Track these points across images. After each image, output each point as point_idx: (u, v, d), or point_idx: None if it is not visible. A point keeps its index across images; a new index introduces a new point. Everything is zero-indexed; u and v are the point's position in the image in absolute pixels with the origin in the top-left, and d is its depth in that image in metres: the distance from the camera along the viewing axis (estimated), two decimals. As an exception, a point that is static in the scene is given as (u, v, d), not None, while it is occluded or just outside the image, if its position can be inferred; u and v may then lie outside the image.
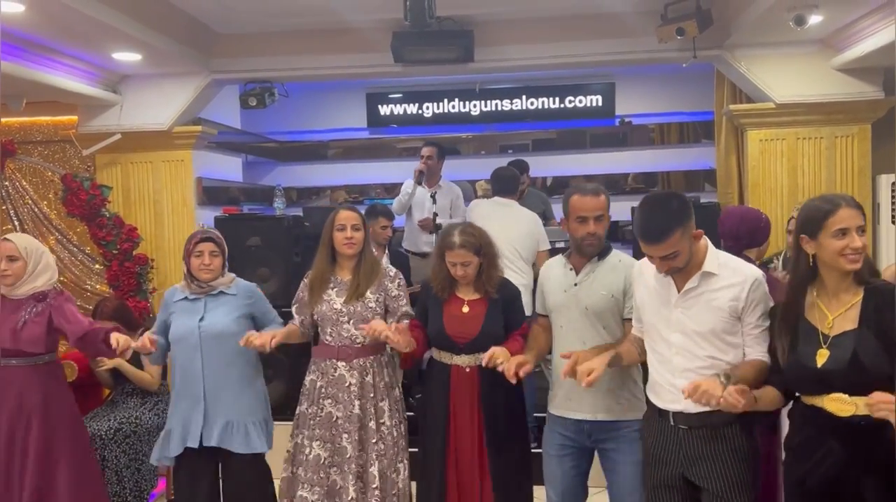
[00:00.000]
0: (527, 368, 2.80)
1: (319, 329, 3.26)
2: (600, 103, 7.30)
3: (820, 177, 4.99)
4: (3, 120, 5.28)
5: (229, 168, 6.46)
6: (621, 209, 6.33)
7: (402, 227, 5.62)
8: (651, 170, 7.40)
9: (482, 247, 3.03)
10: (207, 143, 5.74)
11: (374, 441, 3.12)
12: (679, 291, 2.41)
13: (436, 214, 5.08)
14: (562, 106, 7.35)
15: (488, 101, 7.40)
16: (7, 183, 5.36)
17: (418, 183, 5.25)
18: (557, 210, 6.24)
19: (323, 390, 3.17)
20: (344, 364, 3.15)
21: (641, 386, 2.78)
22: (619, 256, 2.87)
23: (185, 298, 3.26)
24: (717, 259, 2.41)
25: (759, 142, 5.07)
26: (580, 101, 7.31)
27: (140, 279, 5.26)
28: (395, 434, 3.17)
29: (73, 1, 3.69)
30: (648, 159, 7.39)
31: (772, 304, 2.36)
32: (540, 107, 7.38)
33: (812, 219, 2.15)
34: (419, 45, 4.82)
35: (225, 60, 5.26)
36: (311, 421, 3.18)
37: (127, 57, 4.78)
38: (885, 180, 4.96)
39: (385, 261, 5.22)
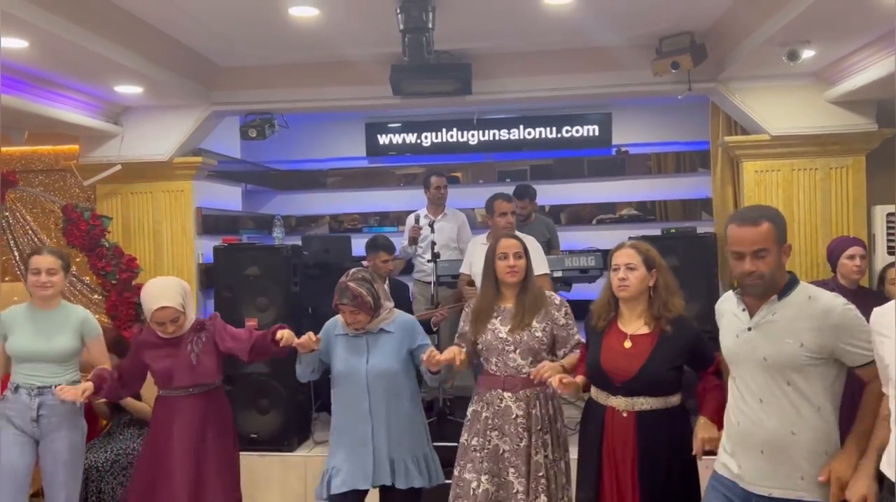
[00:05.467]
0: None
1: (483, 359, 3.21)
2: (597, 133, 7.34)
3: (815, 207, 5.03)
4: (4, 149, 5.32)
5: (229, 197, 6.50)
6: (617, 238, 6.33)
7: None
8: (648, 198, 7.45)
9: (655, 262, 2.76)
10: (207, 173, 5.78)
11: (540, 474, 3.04)
12: None
13: (434, 243, 5.09)
14: (559, 135, 7.39)
15: (486, 131, 7.44)
16: (8, 213, 5.38)
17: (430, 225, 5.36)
18: (563, 237, 6.28)
19: (489, 421, 3.12)
20: (510, 395, 3.10)
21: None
22: (808, 291, 2.28)
23: (346, 334, 3.21)
24: None
25: (755, 173, 5.11)
26: (577, 131, 7.36)
27: (139, 309, 5.25)
28: (555, 469, 3.10)
29: (77, 37, 3.74)
30: (645, 188, 7.43)
31: None
32: (537, 136, 7.42)
33: None
34: (417, 79, 4.84)
35: (225, 92, 5.32)
36: (478, 454, 3.11)
37: (129, 90, 4.84)
38: (880, 211, 4.99)
39: (385, 287, 5.24)
